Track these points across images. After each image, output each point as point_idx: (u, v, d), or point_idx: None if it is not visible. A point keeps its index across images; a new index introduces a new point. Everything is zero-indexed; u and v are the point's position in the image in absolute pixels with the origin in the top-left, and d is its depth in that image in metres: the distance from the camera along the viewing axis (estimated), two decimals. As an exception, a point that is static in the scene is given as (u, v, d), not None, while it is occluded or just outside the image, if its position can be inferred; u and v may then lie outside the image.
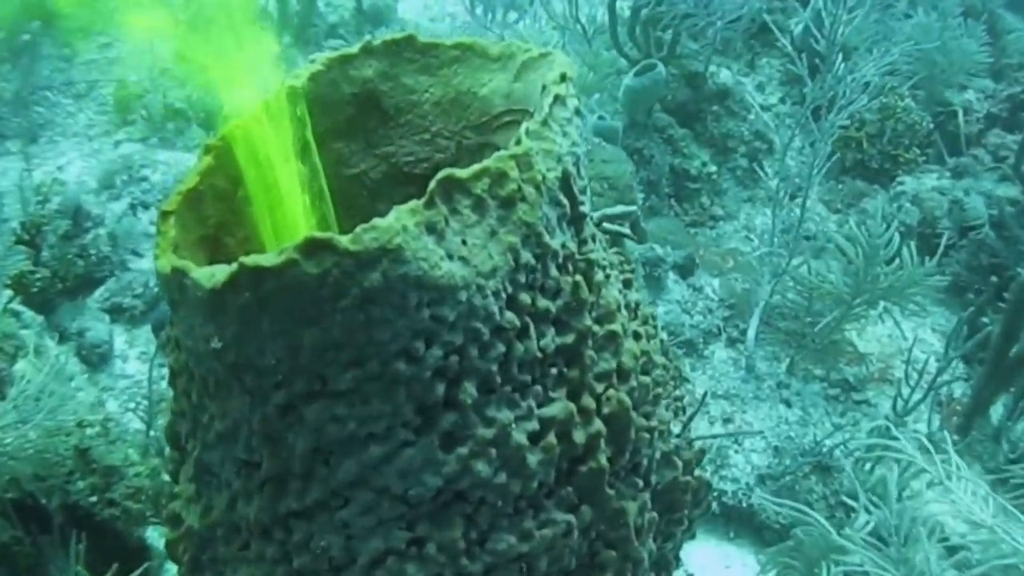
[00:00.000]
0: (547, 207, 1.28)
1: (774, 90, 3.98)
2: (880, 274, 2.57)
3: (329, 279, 1.11)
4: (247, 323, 1.17)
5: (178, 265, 1.21)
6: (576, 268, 1.35)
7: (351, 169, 1.66)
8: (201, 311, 1.21)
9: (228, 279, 1.13)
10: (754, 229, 3.47)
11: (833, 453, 2.48)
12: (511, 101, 1.55)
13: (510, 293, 1.25)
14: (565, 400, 1.36)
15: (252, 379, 1.24)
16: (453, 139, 1.65)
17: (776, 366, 2.88)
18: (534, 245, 1.26)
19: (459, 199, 1.19)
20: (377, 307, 1.13)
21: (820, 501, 2.56)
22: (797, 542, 1.89)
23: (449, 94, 1.64)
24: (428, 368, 1.21)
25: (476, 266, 1.19)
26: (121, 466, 1.77)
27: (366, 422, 1.24)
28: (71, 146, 3.50)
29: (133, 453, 2.06)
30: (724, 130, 3.67)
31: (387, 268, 1.11)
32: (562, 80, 1.40)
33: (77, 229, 2.91)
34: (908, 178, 3.53)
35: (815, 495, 2.56)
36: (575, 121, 1.36)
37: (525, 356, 1.29)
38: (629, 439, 1.44)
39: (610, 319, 1.41)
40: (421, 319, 1.16)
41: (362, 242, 1.10)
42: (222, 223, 1.43)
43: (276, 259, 1.10)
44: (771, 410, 2.79)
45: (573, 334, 1.34)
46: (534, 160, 1.25)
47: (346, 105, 1.63)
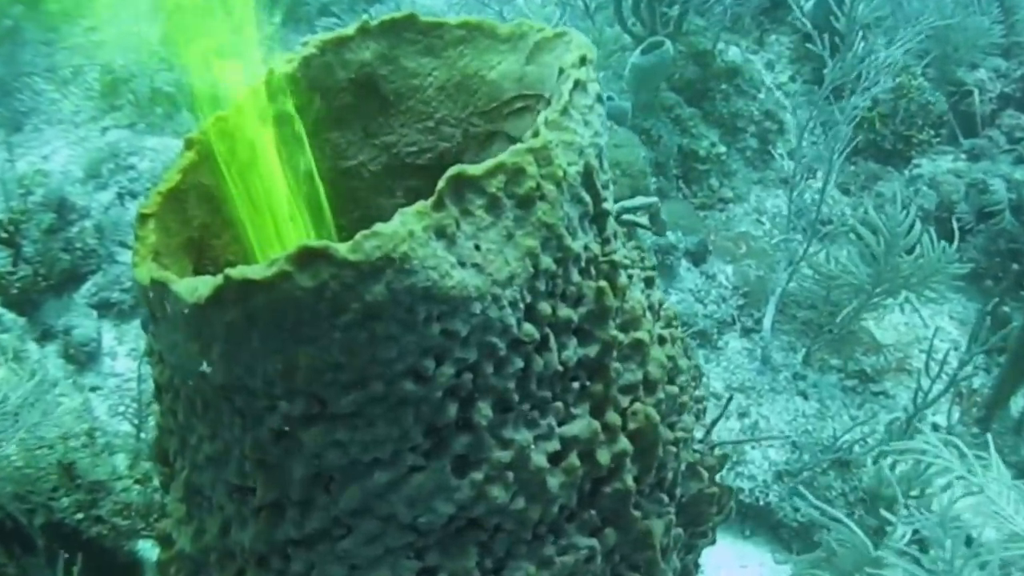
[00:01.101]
0: (568, 205, 1.15)
1: (784, 68, 3.84)
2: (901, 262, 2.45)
3: (326, 293, 0.98)
4: (235, 341, 1.04)
5: (158, 276, 1.08)
6: (599, 272, 1.23)
7: (348, 161, 1.52)
8: (184, 327, 1.09)
9: (213, 293, 1.01)
10: (765, 212, 3.34)
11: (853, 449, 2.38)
12: (523, 85, 1.41)
13: (529, 303, 1.12)
14: (588, 417, 1.24)
15: (242, 400, 1.12)
16: (459, 127, 1.51)
17: (792, 357, 2.77)
18: (555, 248, 1.13)
19: (471, 199, 1.07)
20: (381, 323, 1.01)
21: (839, 498, 2.46)
22: (829, 551, 1.79)
23: (454, 78, 1.50)
24: (439, 388, 1.09)
25: (491, 274, 1.06)
26: (108, 480, 1.66)
27: (370, 447, 1.12)
28: (56, 134, 3.35)
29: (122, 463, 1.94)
30: (733, 109, 3.53)
31: (392, 279, 0.99)
32: (582, 63, 1.26)
33: (62, 222, 2.77)
34: (924, 160, 3.41)
35: (834, 491, 2.45)
36: (597, 109, 1.23)
37: (545, 371, 1.17)
38: (656, 456, 1.32)
39: (636, 326, 1.29)
40: (431, 335, 1.04)
41: (363, 251, 0.97)
42: (207, 224, 1.31)
43: (266, 271, 0.98)
44: (788, 403, 2.68)
45: (597, 345, 1.22)
46: (554, 154, 1.12)
47: (342, 91, 1.49)
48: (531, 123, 1.42)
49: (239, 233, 1.32)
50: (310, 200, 1.43)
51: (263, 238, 1.32)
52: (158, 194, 1.20)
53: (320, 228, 1.45)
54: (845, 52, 2.61)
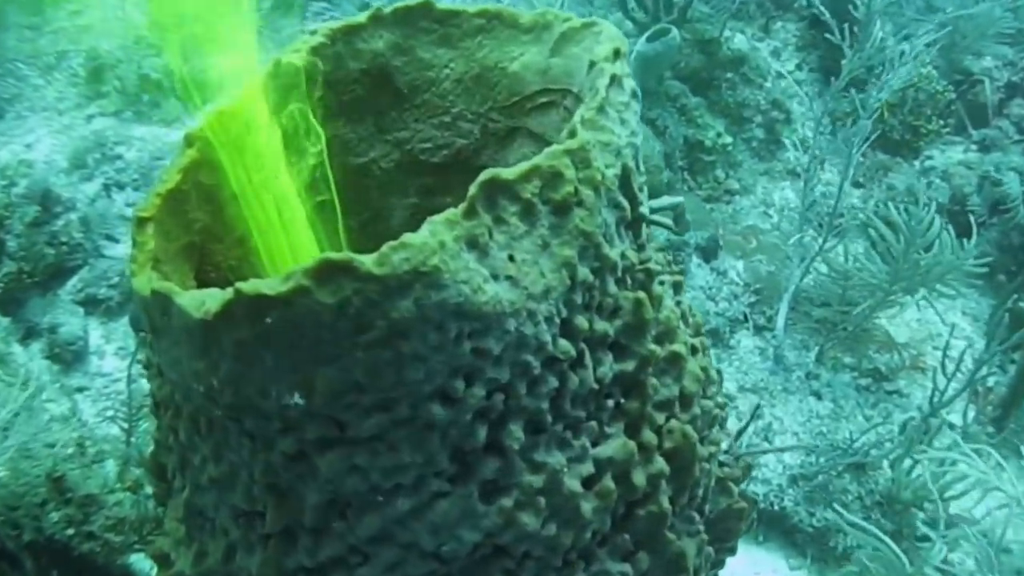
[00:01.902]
0: (606, 211, 1.06)
1: (790, 56, 3.75)
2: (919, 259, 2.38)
3: (349, 310, 0.89)
4: (245, 360, 0.95)
5: (160, 288, 0.99)
6: (635, 281, 1.14)
7: (358, 158, 1.43)
8: (189, 343, 1.00)
9: (222, 309, 0.92)
10: (773, 204, 3.26)
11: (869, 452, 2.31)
12: (548, 79, 1.32)
13: (565, 317, 1.04)
14: (623, 436, 1.16)
15: (253, 423, 1.03)
16: (477, 122, 1.42)
17: (805, 355, 2.70)
18: (592, 258, 1.05)
19: (505, 205, 0.98)
20: (408, 342, 0.92)
21: (855, 501, 2.40)
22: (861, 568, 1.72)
23: (473, 70, 1.41)
24: (468, 410, 1.00)
25: (526, 287, 0.98)
26: (100, 494, 1.56)
27: (392, 473, 1.03)
28: (40, 122, 3.20)
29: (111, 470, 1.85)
30: (739, 99, 3.44)
31: (421, 295, 0.90)
32: (615, 57, 1.17)
33: (46, 215, 2.64)
34: (936, 152, 3.33)
35: (850, 495, 2.39)
36: (633, 106, 1.14)
37: (580, 389, 1.08)
38: (693, 476, 1.24)
39: (671, 338, 1.21)
40: (461, 354, 0.95)
41: (390, 264, 0.88)
42: (209, 227, 1.21)
43: (281, 286, 0.89)
44: (801, 403, 2.61)
45: (634, 360, 1.13)
46: (592, 155, 1.03)
47: (353, 84, 1.39)
48: (556, 119, 1.33)
49: (243, 236, 1.23)
50: (320, 200, 1.34)
51: (269, 241, 1.23)
52: (156, 196, 1.10)
53: (329, 230, 1.36)
54: (864, 42, 2.52)
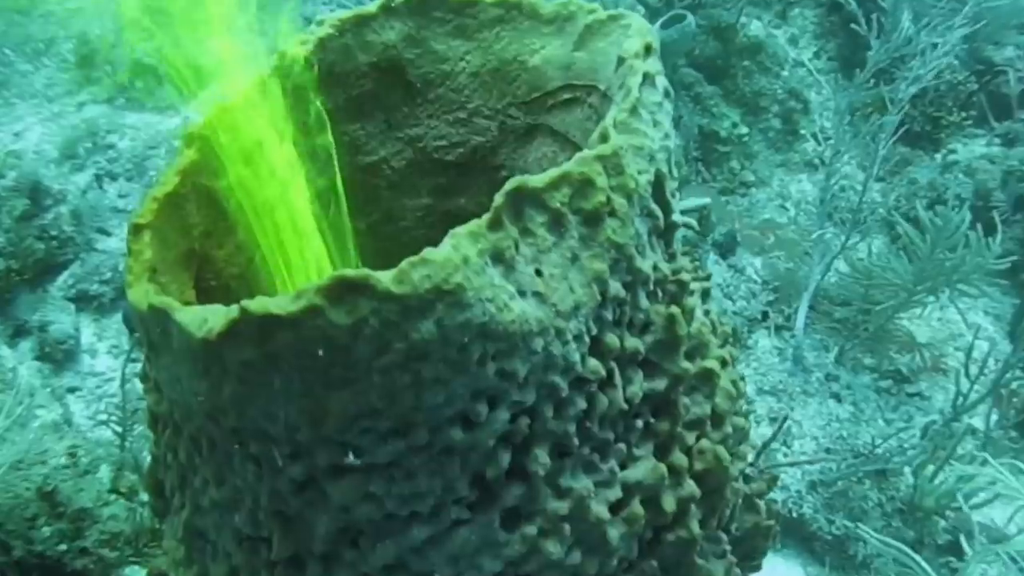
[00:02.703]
0: (639, 221, 0.99)
1: (808, 44, 3.65)
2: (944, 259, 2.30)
3: (365, 331, 0.82)
4: (251, 383, 0.88)
5: (158, 303, 0.92)
6: (666, 293, 1.07)
7: (368, 157, 1.35)
8: (190, 363, 0.92)
9: (226, 328, 0.84)
10: (789, 197, 3.17)
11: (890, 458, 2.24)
12: (571, 74, 1.24)
13: (595, 335, 0.96)
14: (652, 458, 1.09)
15: (258, 447, 0.96)
16: (495, 119, 1.34)
17: (824, 356, 2.62)
18: (624, 271, 0.97)
19: (532, 215, 0.90)
20: (429, 364, 0.85)
21: (875, 508, 2.33)
22: (884, 582, 1.66)
23: (490, 63, 1.33)
24: (491, 435, 0.93)
25: (554, 304, 0.90)
26: (93, 507, 1.49)
27: (408, 500, 0.97)
28: (29, 109, 3.10)
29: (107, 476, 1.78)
30: (756, 87, 3.34)
31: (443, 315, 0.83)
32: (647, 53, 1.09)
33: (35, 208, 2.54)
34: (959, 145, 3.24)
35: (870, 502, 2.32)
36: (666, 106, 1.07)
37: (609, 410, 1.01)
38: (724, 498, 1.17)
39: (704, 352, 1.14)
40: (485, 376, 0.88)
41: (410, 282, 0.81)
42: (209, 233, 1.14)
43: (291, 305, 0.81)
44: (820, 406, 2.54)
45: (665, 379, 1.06)
46: (625, 162, 0.95)
47: (362, 77, 1.31)
48: (579, 117, 1.25)
49: (246, 242, 1.15)
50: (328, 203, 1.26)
51: (274, 247, 1.15)
52: (153, 200, 1.03)
53: (338, 233, 1.28)
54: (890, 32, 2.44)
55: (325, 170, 1.23)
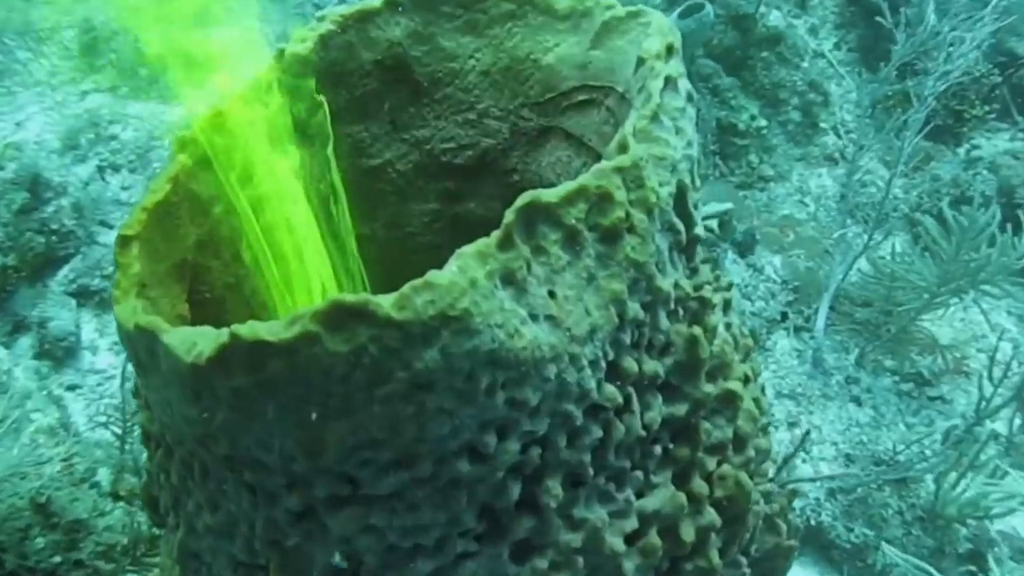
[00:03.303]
0: (659, 236, 0.92)
1: (828, 34, 3.55)
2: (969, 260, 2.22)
3: (364, 360, 0.76)
4: (244, 411, 0.82)
5: (144, 324, 0.86)
6: (687, 311, 1.00)
7: (372, 160, 1.28)
8: (179, 387, 0.87)
9: (216, 354, 0.78)
10: (809, 192, 3.09)
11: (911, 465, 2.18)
12: (587, 75, 1.17)
13: (612, 360, 0.90)
14: (671, 486, 1.03)
15: (253, 476, 0.90)
16: (506, 120, 1.27)
17: (844, 358, 2.55)
18: (643, 291, 0.91)
19: (545, 233, 0.84)
20: (433, 395, 0.79)
21: (895, 516, 2.26)
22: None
23: (501, 61, 1.26)
24: (500, 467, 0.87)
25: (569, 328, 0.84)
26: (88, 518, 1.44)
27: (412, 533, 0.91)
28: (31, 98, 3.04)
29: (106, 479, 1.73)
30: (775, 79, 3.25)
31: (449, 343, 0.77)
32: (669, 54, 1.02)
33: (35, 201, 2.48)
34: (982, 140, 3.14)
35: (890, 509, 2.25)
36: (689, 112, 1.00)
37: (626, 438, 0.95)
38: (746, 526, 1.11)
39: (726, 373, 1.07)
40: (494, 406, 0.82)
41: (413, 308, 0.75)
42: (203, 243, 1.08)
43: (284, 331, 0.75)
44: (840, 410, 2.47)
45: (685, 403, 1.00)
46: (645, 174, 0.89)
47: (366, 76, 1.25)
48: (596, 120, 1.19)
49: (241, 252, 1.09)
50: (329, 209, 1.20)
51: (272, 259, 1.09)
52: (143, 210, 0.97)
53: (340, 242, 1.22)
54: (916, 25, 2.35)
55: (326, 175, 1.16)
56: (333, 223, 1.20)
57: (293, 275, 1.10)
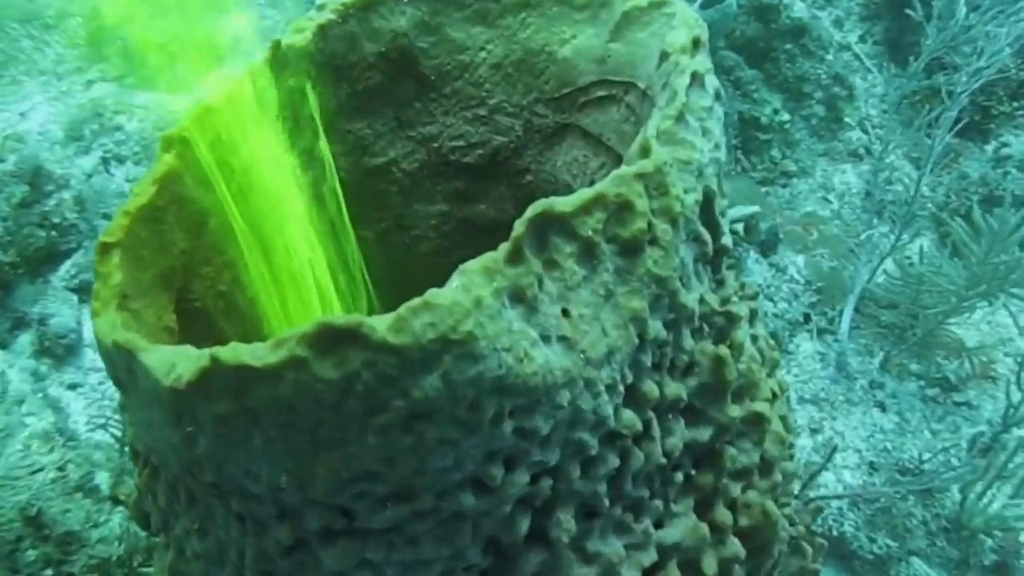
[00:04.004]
0: (684, 248, 0.84)
1: (853, 26, 3.44)
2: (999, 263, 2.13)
3: (357, 387, 0.69)
4: (228, 439, 0.76)
5: (122, 341, 0.79)
6: (713, 327, 0.92)
7: (376, 158, 1.21)
8: (160, 410, 0.80)
9: (196, 378, 0.72)
10: (833, 189, 2.99)
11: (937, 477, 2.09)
12: (606, 69, 1.09)
13: (630, 383, 0.82)
14: (692, 515, 0.95)
15: (241, 505, 0.84)
16: (519, 117, 1.20)
17: (868, 362, 2.46)
18: (666, 308, 0.83)
19: (559, 245, 0.76)
20: (434, 425, 0.72)
21: (919, 527, 2.18)
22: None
23: (514, 53, 1.18)
24: (507, 500, 0.80)
25: (584, 351, 0.76)
26: (81, 530, 1.38)
27: (411, 568, 0.84)
28: (36, 87, 2.98)
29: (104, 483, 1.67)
30: (799, 72, 3.15)
31: (450, 369, 0.69)
32: (695, 48, 0.94)
33: (36, 193, 2.42)
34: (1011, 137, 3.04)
35: (914, 519, 2.17)
36: (716, 111, 0.92)
37: (645, 466, 0.87)
38: (771, 555, 1.03)
39: (753, 392, 0.99)
40: (500, 436, 0.75)
41: (410, 331, 0.67)
42: (192, 250, 1.00)
43: (269, 356, 0.68)
44: (864, 416, 2.38)
45: (710, 428, 0.92)
46: (670, 180, 0.81)
47: (369, 69, 1.17)
48: (615, 118, 1.11)
49: (233, 259, 1.02)
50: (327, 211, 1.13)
51: (265, 266, 1.02)
52: (125, 215, 0.90)
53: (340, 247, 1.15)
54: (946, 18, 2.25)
55: (324, 174, 1.09)
56: (333, 226, 1.13)
57: (288, 283, 1.03)
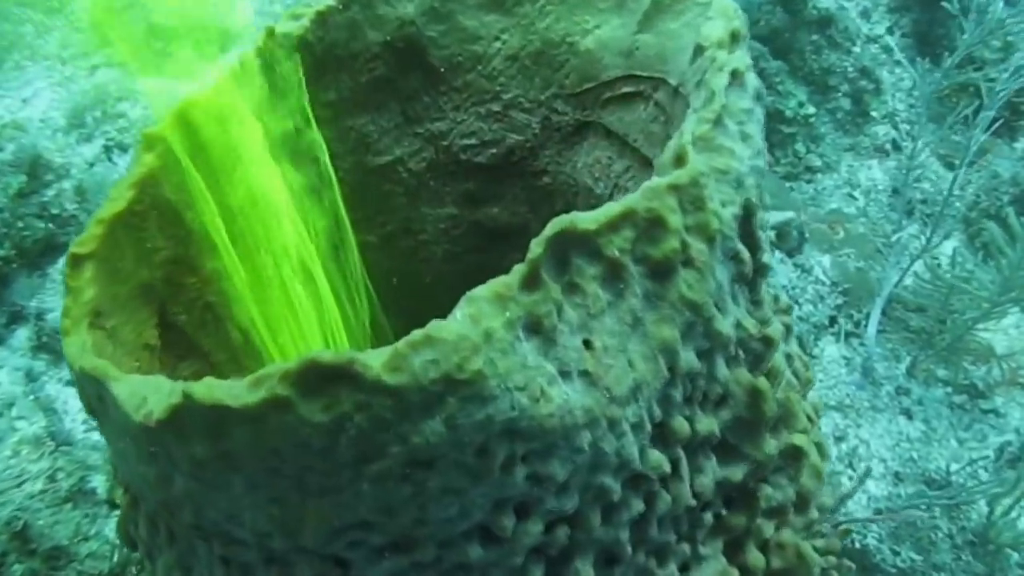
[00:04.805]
0: (720, 268, 0.75)
1: (881, 18, 3.32)
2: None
3: (349, 431, 0.60)
4: (206, 482, 0.67)
5: (90, 368, 0.71)
6: (749, 353, 0.83)
7: (380, 157, 1.12)
8: (133, 444, 0.72)
9: (167, 416, 0.63)
10: (859, 186, 2.88)
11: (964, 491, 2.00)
12: (634, 62, 0.99)
13: (659, 420, 0.73)
14: (721, 558, 0.87)
15: (224, 549, 0.76)
16: (536, 113, 1.10)
17: (895, 367, 2.36)
18: (700, 337, 0.74)
19: (581, 267, 0.67)
20: (436, 473, 0.63)
21: (945, 540, 2.09)
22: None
23: (532, 44, 1.08)
24: (519, 551, 0.71)
25: (608, 387, 0.67)
26: (70, 544, 1.30)
27: (410, 619, 0.75)
28: (40, 73, 2.89)
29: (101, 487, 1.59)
30: (825, 64, 3.04)
31: (455, 412, 0.61)
32: (733, 41, 0.85)
33: (35, 183, 2.34)
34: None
35: (939, 532, 2.08)
36: (757, 113, 0.82)
37: (672, 508, 0.78)
38: (806, 601, 0.94)
39: (791, 423, 0.90)
40: (511, 483, 0.66)
41: (410, 370, 0.59)
42: (177, 257, 0.92)
43: (249, 395, 0.60)
44: (890, 424, 2.28)
45: (744, 465, 0.83)
46: (706, 193, 0.72)
47: (373, 60, 1.08)
48: (642, 116, 1.01)
49: (222, 268, 0.93)
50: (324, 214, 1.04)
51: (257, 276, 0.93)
52: (99, 223, 0.81)
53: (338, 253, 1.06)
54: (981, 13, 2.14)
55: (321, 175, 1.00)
56: (331, 231, 1.04)
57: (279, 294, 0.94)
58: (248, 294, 0.92)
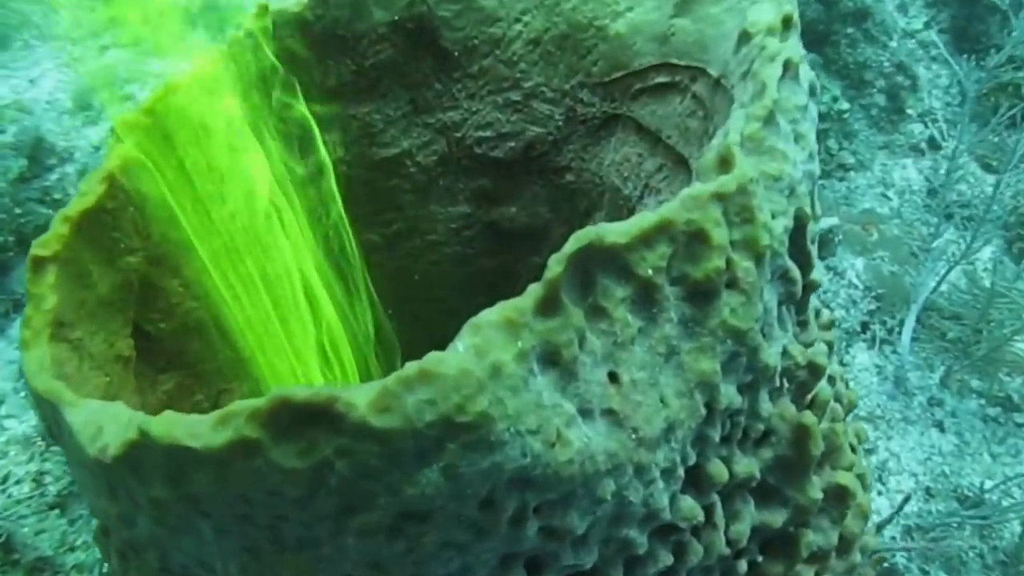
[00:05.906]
0: (768, 290, 0.65)
1: (918, 12, 3.18)
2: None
3: (330, 480, 0.51)
4: (170, 527, 0.58)
5: (44, 391, 0.62)
6: (794, 383, 0.73)
7: (386, 149, 1.02)
8: (92, 478, 0.63)
9: (122, 453, 0.54)
10: (893, 185, 2.76)
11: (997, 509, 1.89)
12: (669, 50, 0.89)
13: (693, 464, 0.64)
14: (755, 612, 0.77)
15: (193, 592, 0.66)
16: (560, 104, 1.00)
17: (928, 376, 2.25)
18: (743, 369, 0.64)
19: (608, 288, 0.57)
20: (433, 528, 0.54)
21: (976, 560, 1.98)
22: None
23: (556, 27, 0.98)
24: (527, 611, 0.61)
25: (636, 428, 0.58)
26: (54, 555, 1.22)
27: None
28: (48, 53, 2.82)
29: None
30: (860, 59, 2.91)
31: (456, 460, 0.51)
32: (785, 28, 0.74)
33: (37, 167, 2.26)
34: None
35: (971, 551, 1.98)
36: (811, 111, 0.72)
37: (704, 559, 0.69)
38: (847, 656, 0.85)
39: (836, 459, 0.81)
40: (522, 538, 0.57)
41: (401, 411, 0.50)
42: (155, 258, 0.83)
43: (213, 436, 0.51)
44: (922, 436, 2.18)
45: (785, 511, 0.73)
46: (755, 202, 0.62)
47: (379, 43, 0.98)
48: (677, 110, 0.91)
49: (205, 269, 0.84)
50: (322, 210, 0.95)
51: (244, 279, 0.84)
52: (65, 221, 0.72)
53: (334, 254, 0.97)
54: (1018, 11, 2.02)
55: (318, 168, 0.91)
56: (329, 229, 0.95)
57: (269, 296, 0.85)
58: (235, 297, 0.83)
